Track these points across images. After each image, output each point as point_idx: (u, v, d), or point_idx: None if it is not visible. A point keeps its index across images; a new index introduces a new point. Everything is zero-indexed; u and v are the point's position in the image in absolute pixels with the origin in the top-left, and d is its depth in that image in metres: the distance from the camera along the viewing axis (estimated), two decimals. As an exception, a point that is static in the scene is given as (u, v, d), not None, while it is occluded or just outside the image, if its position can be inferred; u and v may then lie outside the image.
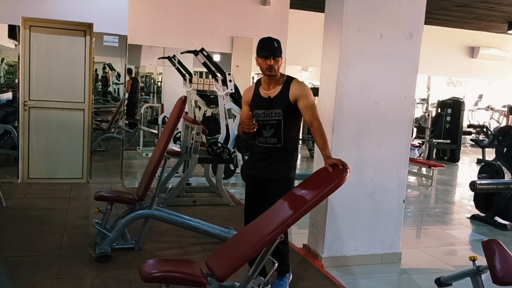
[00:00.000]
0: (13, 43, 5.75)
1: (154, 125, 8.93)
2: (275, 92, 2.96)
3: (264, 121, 2.98)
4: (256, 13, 8.14)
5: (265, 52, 2.89)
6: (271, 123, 2.96)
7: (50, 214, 4.60)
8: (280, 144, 2.96)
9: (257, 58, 2.95)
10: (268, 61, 2.88)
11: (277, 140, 2.96)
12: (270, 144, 2.97)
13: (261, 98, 3.00)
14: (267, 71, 2.90)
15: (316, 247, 3.90)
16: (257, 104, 3.01)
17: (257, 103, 3.01)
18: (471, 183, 4.68)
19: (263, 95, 2.99)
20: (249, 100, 3.08)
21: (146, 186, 3.75)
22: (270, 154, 2.99)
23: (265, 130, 2.98)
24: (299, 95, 2.91)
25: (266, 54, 2.88)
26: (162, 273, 2.29)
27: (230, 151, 5.53)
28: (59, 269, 3.32)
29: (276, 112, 2.94)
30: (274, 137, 2.96)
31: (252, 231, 2.60)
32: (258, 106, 3.00)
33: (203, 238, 4.00)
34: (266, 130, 2.97)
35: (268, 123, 2.96)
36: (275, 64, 2.89)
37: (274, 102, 2.94)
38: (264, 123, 2.98)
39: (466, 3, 8.78)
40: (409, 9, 3.74)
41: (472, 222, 5.58)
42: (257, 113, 3.00)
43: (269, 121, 2.96)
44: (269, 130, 2.96)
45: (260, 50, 2.92)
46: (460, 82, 15.23)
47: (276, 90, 2.97)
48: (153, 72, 10.16)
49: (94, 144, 6.35)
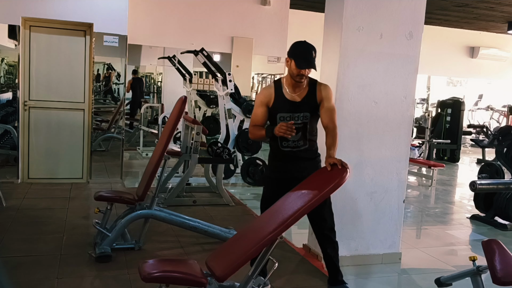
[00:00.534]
0: (13, 43, 5.75)
1: (154, 125, 8.94)
2: (302, 95, 2.93)
3: None
4: (256, 13, 8.14)
5: (302, 63, 2.82)
6: (297, 126, 2.91)
7: (50, 214, 4.60)
8: (306, 146, 2.97)
9: (288, 59, 2.87)
10: (302, 71, 2.83)
11: (303, 143, 2.96)
12: (297, 148, 2.96)
13: (286, 101, 2.93)
14: (297, 78, 2.86)
15: (316, 247, 3.89)
16: (282, 107, 2.94)
17: (282, 106, 2.94)
18: (471, 183, 4.66)
19: (289, 98, 2.93)
20: (269, 103, 2.96)
21: (146, 186, 3.75)
22: (298, 156, 2.99)
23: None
24: (324, 97, 2.93)
25: (303, 64, 2.81)
26: (162, 273, 2.29)
27: (230, 151, 5.53)
28: (59, 269, 3.32)
29: (304, 115, 2.93)
30: (301, 140, 2.96)
31: (252, 231, 2.60)
32: (283, 109, 2.93)
33: (203, 238, 4.00)
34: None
35: (296, 127, 2.87)
36: (308, 73, 2.87)
37: (302, 105, 2.92)
38: None
39: (466, 3, 8.78)
40: (409, 9, 3.74)
41: (472, 222, 5.58)
42: (282, 116, 2.93)
43: (296, 124, 2.88)
44: (296, 134, 2.90)
45: (296, 56, 2.83)
46: (460, 82, 15.23)
47: (303, 93, 2.94)
48: (153, 72, 10.17)
49: (94, 144, 6.36)
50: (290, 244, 4.16)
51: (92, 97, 5.96)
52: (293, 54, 2.86)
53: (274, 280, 3.23)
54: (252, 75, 9.54)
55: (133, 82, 9.70)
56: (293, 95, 2.93)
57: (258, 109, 3.01)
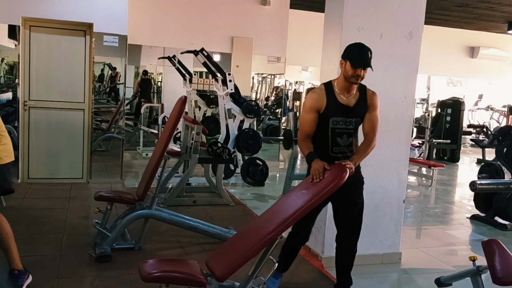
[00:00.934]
0: (13, 43, 5.75)
1: (154, 125, 8.93)
2: (355, 99, 2.87)
3: (342, 130, 2.87)
4: (256, 13, 8.14)
5: (359, 62, 2.73)
6: (348, 131, 2.87)
7: (50, 214, 4.60)
8: (353, 152, 2.90)
9: (343, 61, 2.79)
10: (358, 71, 2.74)
11: (353, 148, 2.91)
12: (346, 154, 2.88)
13: (340, 105, 2.84)
14: (353, 79, 2.78)
15: (316, 247, 3.90)
16: (336, 111, 2.84)
17: (335, 111, 2.84)
18: (471, 183, 4.67)
19: (342, 102, 2.84)
20: (321, 107, 2.84)
21: (146, 186, 3.75)
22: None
23: (341, 139, 2.87)
24: (372, 105, 2.90)
25: (360, 64, 2.74)
26: (162, 273, 2.29)
27: (230, 151, 5.53)
28: (59, 269, 3.32)
29: (356, 121, 2.88)
30: (351, 146, 2.90)
31: (252, 231, 2.60)
32: (337, 114, 2.84)
33: (203, 238, 4.00)
34: (343, 139, 2.87)
35: (345, 131, 2.86)
36: (363, 74, 2.77)
37: (355, 110, 2.86)
38: (341, 131, 2.87)
39: (466, 3, 8.78)
40: (409, 9, 3.74)
41: (472, 222, 5.58)
42: (336, 120, 2.84)
43: (347, 129, 2.86)
44: (347, 139, 2.87)
45: (353, 57, 2.75)
46: (460, 82, 15.23)
47: (355, 97, 2.88)
48: (153, 72, 10.15)
49: (94, 144, 6.35)
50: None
51: (92, 97, 5.96)
52: (348, 55, 2.78)
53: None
54: (252, 75, 9.52)
55: (142, 83, 9.69)
56: (347, 100, 2.85)
57: (308, 115, 2.87)
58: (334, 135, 2.86)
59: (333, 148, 2.87)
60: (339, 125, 2.84)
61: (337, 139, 2.87)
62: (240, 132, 6.62)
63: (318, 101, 2.85)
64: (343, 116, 2.84)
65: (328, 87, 2.89)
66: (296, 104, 12.33)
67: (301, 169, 8.40)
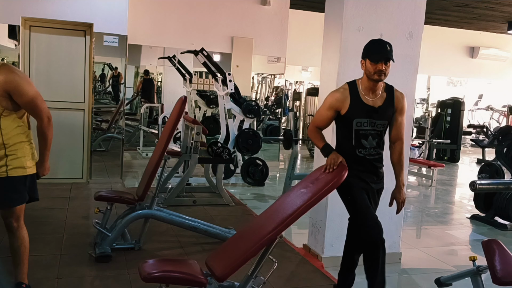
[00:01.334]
0: (13, 43, 5.75)
1: (154, 125, 8.93)
2: (381, 100, 2.75)
3: (366, 131, 2.74)
4: (256, 13, 8.14)
5: (377, 55, 2.62)
6: (374, 133, 2.76)
7: (50, 214, 4.60)
8: (380, 155, 2.81)
9: (362, 61, 2.70)
10: (379, 65, 2.61)
11: (379, 151, 2.80)
12: (373, 156, 2.78)
13: (364, 106, 2.72)
14: (376, 75, 2.64)
15: (316, 247, 3.90)
16: (360, 112, 2.72)
17: (359, 111, 2.72)
18: (471, 183, 4.67)
19: (367, 103, 2.72)
20: (342, 107, 2.73)
21: (146, 186, 3.75)
22: (375, 165, 2.81)
23: (366, 141, 2.75)
24: (400, 108, 2.79)
25: (379, 57, 2.61)
26: (162, 273, 2.29)
27: (230, 151, 5.53)
28: (59, 269, 3.32)
29: (382, 123, 2.75)
30: (377, 148, 2.79)
31: (252, 231, 2.60)
32: (361, 115, 2.72)
33: (203, 238, 4.00)
34: (369, 141, 2.76)
35: (371, 133, 2.74)
36: (386, 69, 2.63)
37: (381, 112, 2.73)
38: (366, 133, 2.74)
39: (466, 3, 8.78)
40: (409, 9, 3.74)
41: (472, 222, 5.58)
42: (359, 122, 2.72)
43: (373, 131, 2.75)
44: (373, 141, 2.76)
45: (371, 52, 2.66)
46: (460, 82, 15.23)
47: (381, 99, 2.76)
48: (153, 72, 10.15)
49: (94, 144, 6.35)
50: (290, 244, 4.16)
51: (92, 97, 5.96)
52: (367, 52, 2.69)
53: (274, 280, 3.23)
54: (252, 75, 9.52)
55: (144, 83, 9.70)
56: (372, 100, 2.73)
57: (326, 112, 2.79)
58: (359, 136, 2.75)
59: (359, 149, 2.77)
60: (364, 127, 2.73)
61: (361, 141, 2.76)
62: (240, 132, 6.62)
63: (339, 101, 2.74)
64: (367, 118, 2.72)
65: (352, 86, 2.76)
66: (296, 104, 12.33)
67: (301, 169, 8.41)
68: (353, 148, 2.77)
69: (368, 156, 2.77)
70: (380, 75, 2.64)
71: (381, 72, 2.63)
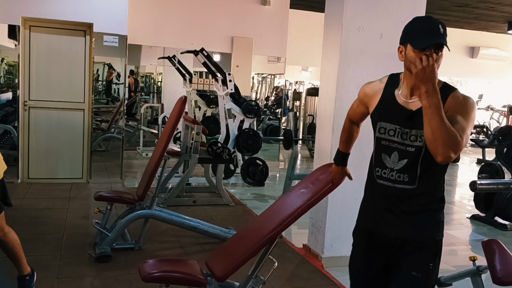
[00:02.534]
0: (13, 43, 5.75)
1: (154, 125, 8.94)
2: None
3: (391, 143, 1.87)
4: (256, 13, 8.14)
5: (424, 39, 1.75)
6: (405, 149, 1.84)
7: (50, 214, 4.60)
8: (414, 185, 1.83)
9: (401, 48, 1.83)
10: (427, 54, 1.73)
11: (408, 178, 1.84)
12: (399, 183, 1.86)
13: (395, 105, 1.87)
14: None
15: (316, 247, 3.90)
16: (387, 113, 1.89)
17: (386, 112, 1.89)
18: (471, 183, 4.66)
19: (400, 102, 1.86)
20: (370, 102, 1.98)
21: (146, 186, 3.75)
22: (401, 199, 1.87)
23: (388, 157, 1.88)
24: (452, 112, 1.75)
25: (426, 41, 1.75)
26: (162, 273, 2.29)
27: (230, 151, 5.53)
28: (59, 269, 3.32)
29: (418, 135, 1.81)
30: (405, 173, 1.84)
31: (252, 231, 2.60)
32: (388, 118, 1.88)
33: (203, 238, 4.00)
34: (392, 158, 1.87)
35: (398, 148, 1.85)
36: (437, 60, 1.74)
37: (418, 119, 1.78)
38: (391, 145, 1.87)
39: (466, 3, 8.78)
40: (409, 9, 3.74)
41: (472, 222, 5.58)
42: (384, 127, 1.88)
43: (401, 145, 1.85)
44: (399, 160, 1.85)
45: (414, 35, 1.79)
46: (460, 82, 15.23)
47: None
48: (153, 72, 10.16)
49: (94, 144, 6.35)
50: (290, 244, 4.16)
51: (92, 97, 5.96)
52: (408, 34, 1.81)
53: (274, 280, 3.23)
54: (252, 75, 9.52)
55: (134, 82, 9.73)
56: (408, 100, 1.85)
57: (355, 103, 2.12)
58: (379, 148, 1.91)
59: (378, 169, 1.92)
60: (389, 135, 1.87)
61: (381, 155, 1.90)
62: (240, 132, 6.62)
63: (367, 95, 2.00)
64: (396, 123, 1.85)
65: (392, 79, 1.95)
66: (296, 104, 12.32)
67: (301, 169, 8.41)
68: (371, 167, 1.99)
69: (390, 181, 1.87)
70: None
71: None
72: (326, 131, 3.79)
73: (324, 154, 3.83)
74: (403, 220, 1.87)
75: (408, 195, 1.85)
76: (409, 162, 1.84)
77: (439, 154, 1.66)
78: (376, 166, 1.94)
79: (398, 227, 1.88)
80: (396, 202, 1.88)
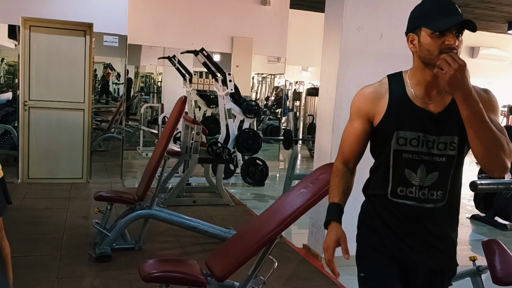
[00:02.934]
0: (13, 43, 5.75)
1: (154, 125, 8.94)
2: (444, 102, 1.56)
3: (416, 155, 1.56)
4: (256, 13, 8.14)
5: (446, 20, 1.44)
6: (433, 160, 1.55)
7: (50, 214, 4.60)
8: (444, 201, 1.57)
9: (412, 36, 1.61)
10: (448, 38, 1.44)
11: (442, 194, 1.57)
12: (430, 202, 1.57)
13: (413, 108, 1.55)
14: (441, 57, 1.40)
15: (316, 247, 3.90)
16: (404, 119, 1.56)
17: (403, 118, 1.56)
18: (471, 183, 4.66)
19: (418, 104, 1.55)
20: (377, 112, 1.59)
21: (146, 186, 3.75)
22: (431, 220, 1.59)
23: (413, 172, 1.57)
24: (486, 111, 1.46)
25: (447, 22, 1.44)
26: (162, 273, 2.29)
27: (230, 151, 5.53)
28: (59, 269, 3.32)
29: (448, 142, 1.54)
30: (438, 189, 1.56)
31: (252, 231, 2.60)
32: (407, 125, 1.55)
33: (203, 238, 4.00)
34: (420, 173, 1.56)
35: (425, 160, 1.55)
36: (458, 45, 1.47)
37: (446, 122, 1.54)
38: (415, 158, 1.56)
39: (466, 3, 8.78)
40: (409, 9, 3.70)
41: (472, 222, 5.58)
42: (403, 137, 1.55)
43: (428, 156, 1.55)
44: (428, 175, 1.56)
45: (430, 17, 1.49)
46: (460, 82, 15.24)
47: (444, 99, 1.56)
48: (153, 72, 10.16)
49: (94, 144, 6.36)
50: (290, 244, 4.16)
51: (92, 97, 5.96)
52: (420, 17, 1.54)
53: (274, 280, 3.23)
54: (252, 75, 9.52)
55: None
56: (428, 102, 1.55)
57: (352, 124, 1.68)
58: (401, 163, 1.58)
59: (397, 189, 1.60)
60: (411, 146, 1.55)
61: (405, 171, 1.58)
62: (240, 132, 6.62)
63: (369, 102, 1.61)
64: (420, 130, 1.54)
65: (394, 79, 1.64)
66: (296, 104, 12.32)
67: (301, 169, 8.41)
68: (387, 184, 1.62)
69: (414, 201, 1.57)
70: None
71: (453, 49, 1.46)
72: (326, 131, 3.80)
73: (324, 154, 3.83)
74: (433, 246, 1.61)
75: (437, 214, 1.58)
76: (440, 176, 1.55)
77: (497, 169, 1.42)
78: (397, 185, 1.59)
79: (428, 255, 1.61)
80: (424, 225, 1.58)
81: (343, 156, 1.75)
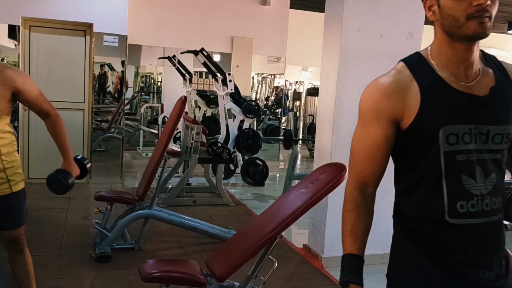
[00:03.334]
0: (13, 43, 5.75)
1: (154, 125, 8.94)
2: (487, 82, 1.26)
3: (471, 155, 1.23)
4: (256, 13, 8.14)
5: None
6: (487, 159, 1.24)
7: (50, 214, 4.60)
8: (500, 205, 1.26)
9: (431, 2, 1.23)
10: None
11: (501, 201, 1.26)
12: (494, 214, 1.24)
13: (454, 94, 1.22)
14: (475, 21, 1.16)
15: (316, 247, 3.90)
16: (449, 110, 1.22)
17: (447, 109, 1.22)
18: (471, 183, 4.68)
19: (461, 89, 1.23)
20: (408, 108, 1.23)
21: (146, 186, 3.75)
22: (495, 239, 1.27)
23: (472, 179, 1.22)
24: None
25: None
26: (162, 273, 2.29)
27: (230, 151, 5.53)
28: (59, 269, 3.32)
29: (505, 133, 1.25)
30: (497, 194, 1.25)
31: (252, 231, 2.60)
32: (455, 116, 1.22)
33: (203, 238, 4.00)
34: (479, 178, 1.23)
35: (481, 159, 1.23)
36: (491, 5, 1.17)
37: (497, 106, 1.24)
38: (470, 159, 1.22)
39: (466, 3, 8.78)
40: (409, 9, 3.74)
41: (472, 222, 5.57)
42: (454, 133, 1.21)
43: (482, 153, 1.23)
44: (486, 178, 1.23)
45: None
46: (460, 82, 15.24)
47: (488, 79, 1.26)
48: (153, 72, 10.16)
49: (94, 144, 6.36)
50: (290, 244, 4.16)
51: (92, 97, 5.97)
52: None
53: (274, 280, 3.23)
54: (252, 75, 9.53)
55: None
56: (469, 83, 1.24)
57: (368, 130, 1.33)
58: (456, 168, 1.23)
59: (457, 204, 1.22)
60: (464, 144, 1.21)
61: (462, 178, 1.22)
62: (240, 132, 6.62)
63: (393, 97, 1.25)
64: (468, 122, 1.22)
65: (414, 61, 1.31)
66: (296, 104, 12.32)
67: (301, 169, 8.41)
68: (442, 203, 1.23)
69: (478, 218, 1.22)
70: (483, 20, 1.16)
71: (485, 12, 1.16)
72: (326, 131, 3.80)
73: (324, 154, 3.83)
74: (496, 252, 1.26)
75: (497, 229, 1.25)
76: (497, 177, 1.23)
77: None
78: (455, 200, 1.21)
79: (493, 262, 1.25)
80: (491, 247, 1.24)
81: (359, 177, 1.35)
